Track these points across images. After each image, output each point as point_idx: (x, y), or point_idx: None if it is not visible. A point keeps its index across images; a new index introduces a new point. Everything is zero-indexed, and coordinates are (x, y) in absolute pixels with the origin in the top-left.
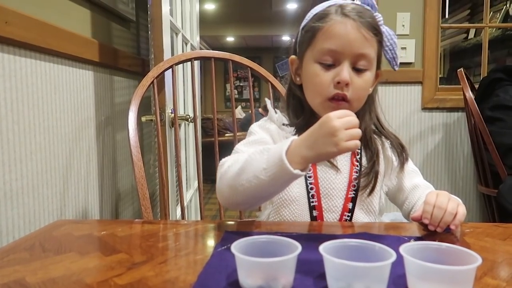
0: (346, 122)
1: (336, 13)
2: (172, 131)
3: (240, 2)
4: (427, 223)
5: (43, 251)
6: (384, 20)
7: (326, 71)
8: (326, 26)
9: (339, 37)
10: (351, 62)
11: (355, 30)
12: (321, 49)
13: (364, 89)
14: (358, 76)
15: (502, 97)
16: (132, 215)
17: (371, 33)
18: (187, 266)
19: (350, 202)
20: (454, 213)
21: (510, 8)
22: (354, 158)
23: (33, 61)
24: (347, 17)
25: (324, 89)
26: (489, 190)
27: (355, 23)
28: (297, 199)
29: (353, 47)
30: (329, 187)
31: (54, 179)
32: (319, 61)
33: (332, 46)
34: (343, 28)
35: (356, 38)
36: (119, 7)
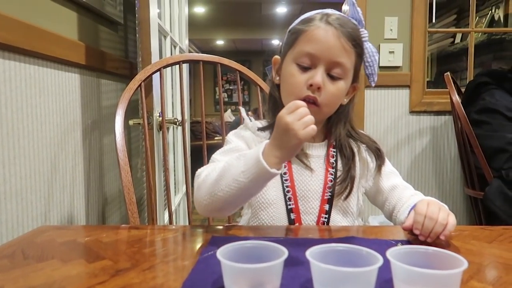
0: (296, 114)
1: (320, 20)
2: (160, 134)
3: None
4: (418, 234)
5: (24, 259)
6: (372, 24)
7: (301, 73)
8: (309, 30)
9: (318, 42)
10: (326, 68)
11: (335, 37)
12: (300, 51)
13: (335, 96)
14: (331, 83)
15: (488, 101)
16: (119, 220)
17: (350, 44)
18: (173, 272)
19: (326, 204)
20: (444, 224)
21: (495, 13)
22: (328, 161)
23: (18, 63)
24: (330, 25)
25: (297, 90)
26: (475, 193)
27: (336, 31)
28: (274, 202)
29: (330, 53)
30: (305, 189)
31: (39, 183)
32: (297, 62)
33: (311, 50)
34: (323, 34)
35: (334, 45)
36: (107, 9)
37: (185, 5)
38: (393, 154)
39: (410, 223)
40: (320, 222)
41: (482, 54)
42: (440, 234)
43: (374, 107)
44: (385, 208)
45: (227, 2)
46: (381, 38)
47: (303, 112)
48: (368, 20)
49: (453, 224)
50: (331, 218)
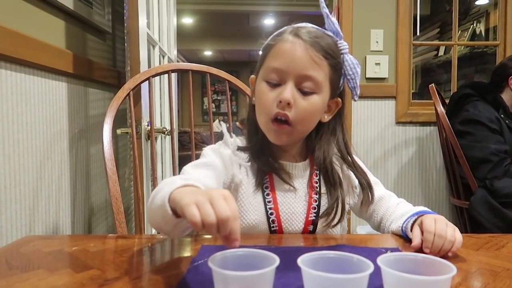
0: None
1: (289, 33)
2: (148, 144)
3: (218, 16)
4: (428, 252)
5: (9, 269)
6: (359, 37)
7: (271, 90)
8: (277, 45)
9: (284, 56)
10: (295, 83)
11: (302, 49)
12: (268, 67)
13: (309, 112)
14: (303, 98)
15: (471, 112)
16: (105, 230)
17: (320, 55)
18: (161, 282)
19: (311, 225)
20: (453, 240)
21: (477, 28)
22: (311, 182)
23: (3, 71)
24: (298, 37)
25: (267, 108)
26: (461, 202)
27: (304, 43)
28: (257, 224)
29: (297, 66)
30: (289, 211)
31: (23, 193)
32: (266, 79)
33: (277, 65)
34: (290, 47)
35: (301, 58)
36: (95, 18)
37: (173, 15)
38: (380, 164)
39: (418, 242)
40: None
41: (465, 67)
42: (448, 251)
43: (361, 117)
44: (372, 219)
45: (215, 13)
46: (367, 50)
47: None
48: (355, 32)
49: (460, 241)
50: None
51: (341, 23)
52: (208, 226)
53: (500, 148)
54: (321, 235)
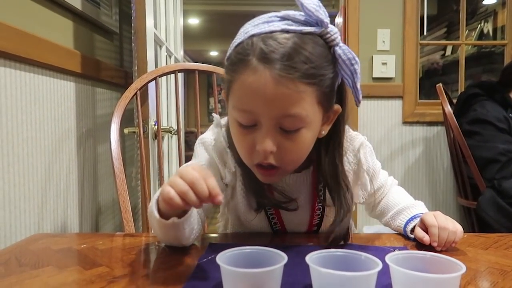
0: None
1: (254, 55)
2: (155, 143)
3: (224, 17)
4: (435, 246)
5: (19, 266)
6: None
7: (245, 134)
8: (240, 78)
9: (252, 96)
10: (274, 124)
11: (272, 86)
12: (235, 107)
13: (298, 152)
14: (287, 139)
15: (479, 112)
16: (113, 229)
17: (301, 84)
18: (169, 279)
19: (315, 227)
20: (455, 231)
21: (485, 27)
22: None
23: (13, 71)
24: (266, 65)
25: (246, 156)
26: (468, 203)
27: (275, 75)
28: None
29: (272, 108)
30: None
31: (32, 192)
32: (237, 119)
33: (245, 107)
34: (256, 83)
35: (275, 97)
36: (102, 19)
37: (180, 16)
38: (387, 164)
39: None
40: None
41: (472, 67)
42: (452, 242)
43: (367, 117)
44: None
45: (221, 14)
46: (374, 49)
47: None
48: (361, 32)
49: (461, 231)
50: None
51: (348, 22)
52: (183, 194)
53: (508, 148)
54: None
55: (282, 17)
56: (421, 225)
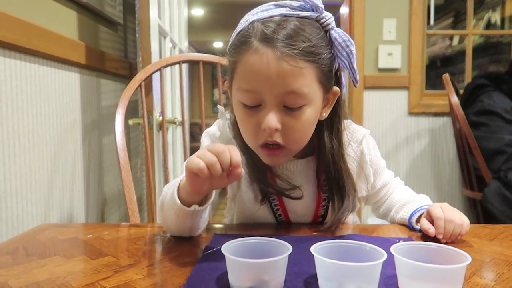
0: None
1: (256, 37)
2: (159, 134)
3: (228, 7)
4: (441, 238)
5: (27, 255)
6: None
7: (250, 115)
8: (243, 59)
9: (255, 75)
10: (278, 102)
11: (276, 64)
12: (240, 89)
13: (302, 130)
14: (291, 116)
15: (486, 103)
16: (118, 219)
17: (302, 61)
18: (175, 269)
19: (320, 218)
20: (461, 224)
21: (492, 17)
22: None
23: (18, 62)
24: (268, 45)
25: (252, 137)
26: (474, 194)
27: (277, 54)
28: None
29: (275, 85)
30: (297, 210)
31: (39, 182)
32: (241, 101)
33: (249, 87)
34: (259, 62)
35: (278, 74)
36: (107, 9)
37: (184, 6)
38: (392, 155)
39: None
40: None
41: (479, 57)
42: (458, 235)
43: (372, 108)
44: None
45: (225, 4)
46: (380, 39)
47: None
48: (367, 22)
49: (468, 224)
50: None
51: (353, 12)
52: (210, 165)
53: None
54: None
55: (278, 4)
56: (427, 217)
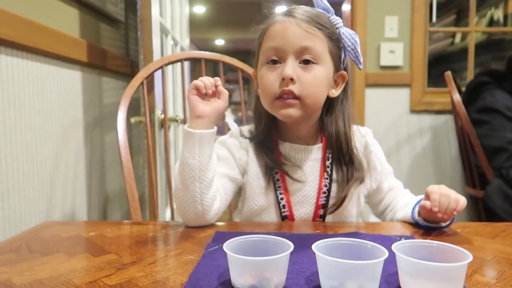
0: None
1: (280, 15)
2: (161, 132)
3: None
4: (436, 211)
5: (30, 252)
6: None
7: (272, 71)
8: (270, 28)
9: (279, 34)
10: (295, 57)
11: (294, 25)
12: (265, 49)
13: (314, 84)
14: (305, 71)
15: (488, 100)
16: (120, 217)
17: (314, 27)
18: (177, 267)
19: (321, 209)
20: (457, 199)
21: (495, 13)
22: (324, 165)
23: (20, 60)
24: (289, 16)
25: (271, 88)
26: (476, 192)
27: (294, 19)
28: (268, 208)
29: (293, 41)
30: (300, 195)
31: (41, 180)
32: (266, 61)
33: (273, 44)
34: (281, 25)
35: (295, 33)
36: (108, 7)
37: (186, 4)
38: (394, 153)
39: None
40: None
41: (481, 54)
42: (454, 210)
43: (374, 106)
44: (379, 207)
45: (227, 2)
46: (382, 37)
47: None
48: (369, 19)
49: (465, 201)
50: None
51: (355, 9)
52: (199, 85)
53: None
54: (335, 223)
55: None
56: (426, 197)
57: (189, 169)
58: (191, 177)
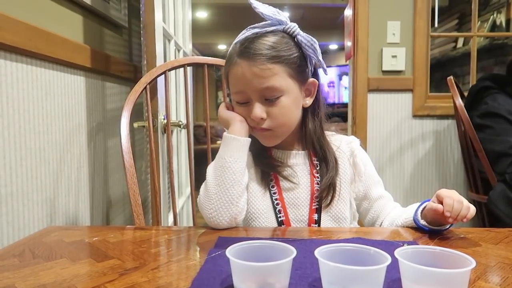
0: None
1: (237, 55)
2: (164, 137)
3: (232, 10)
4: (448, 216)
5: (33, 258)
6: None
7: (243, 109)
8: (231, 71)
9: (238, 80)
10: (259, 96)
11: (249, 70)
12: (232, 92)
13: (283, 115)
14: (272, 106)
15: (491, 105)
16: (123, 222)
17: (267, 64)
18: (180, 272)
19: (315, 213)
20: (468, 207)
21: (497, 18)
22: (313, 170)
23: (24, 66)
24: (242, 57)
25: (247, 123)
26: (479, 197)
27: (248, 62)
28: (265, 213)
29: (253, 85)
30: (294, 198)
31: (44, 185)
32: (235, 100)
33: (237, 89)
34: (239, 70)
35: (252, 77)
36: (112, 13)
37: (188, 9)
38: (396, 158)
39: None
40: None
41: (484, 59)
42: (464, 217)
43: (377, 111)
44: (369, 216)
45: (229, 7)
46: (384, 42)
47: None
48: (371, 24)
49: (474, 209)
50: (323, 226)
51: (357, 15)
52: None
53: None
54: (336, 228)
55: (253, 27)
56: (435, 200)
57: (231, 172)
58: (231, 180)
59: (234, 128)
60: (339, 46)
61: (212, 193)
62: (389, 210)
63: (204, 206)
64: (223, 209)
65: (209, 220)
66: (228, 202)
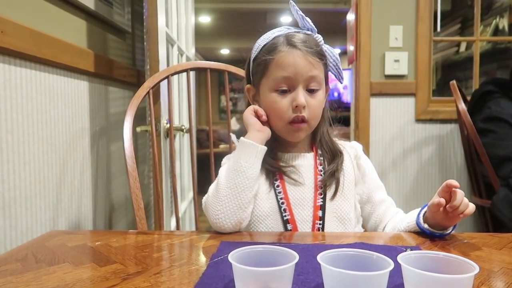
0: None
1: (283, 45)
2: (167, 141)
3: (235, 15)
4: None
5: (36, 262)
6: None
7: (283, 98)
8: (277, 58)
9: (290, 66)
10: (304, 86)
11: (303, 58)
12: (276, 78)
13: (318, 108)
14: (312, 97)
15: (494, 109)
16: (125, 226)
17: (317, 58)
18: (182, 277)
19: (319, 210)
20: (467, 204)
21: (500, 23)
22: (317, 168)
23: (28, 70)
24: (294, 48)
25: (284, 114)
26: (482, 201)
27: (302, 52)
28: (271, 214)
29: (303, 72)
30: (299, 198)
31: (48, 189)
32: (276, 88)
33: (285, 74)
34: (292, 58)
35: (304, 65)
36: (115, 18)
37: (191, 14)
38: (399, 162)
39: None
40: (315, 229)
41: (487, 63)
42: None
43: (379, 115)
44: (371, 220)
45: (232, 12)
46: (386, 46)
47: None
48: (373, 29)
49: (474, 207)
50: (327, 225)
51: (360, 19)
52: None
53: None
54: (339, 233)
55: (286, 27)
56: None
57: (245, 177)
58: (244, 185)
59: (252, 135)
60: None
61: (222, 195)
62: (391, 215)
63: (211, 207)
64: (231, 213)
65: (214, 221)
66: (237, 207)
